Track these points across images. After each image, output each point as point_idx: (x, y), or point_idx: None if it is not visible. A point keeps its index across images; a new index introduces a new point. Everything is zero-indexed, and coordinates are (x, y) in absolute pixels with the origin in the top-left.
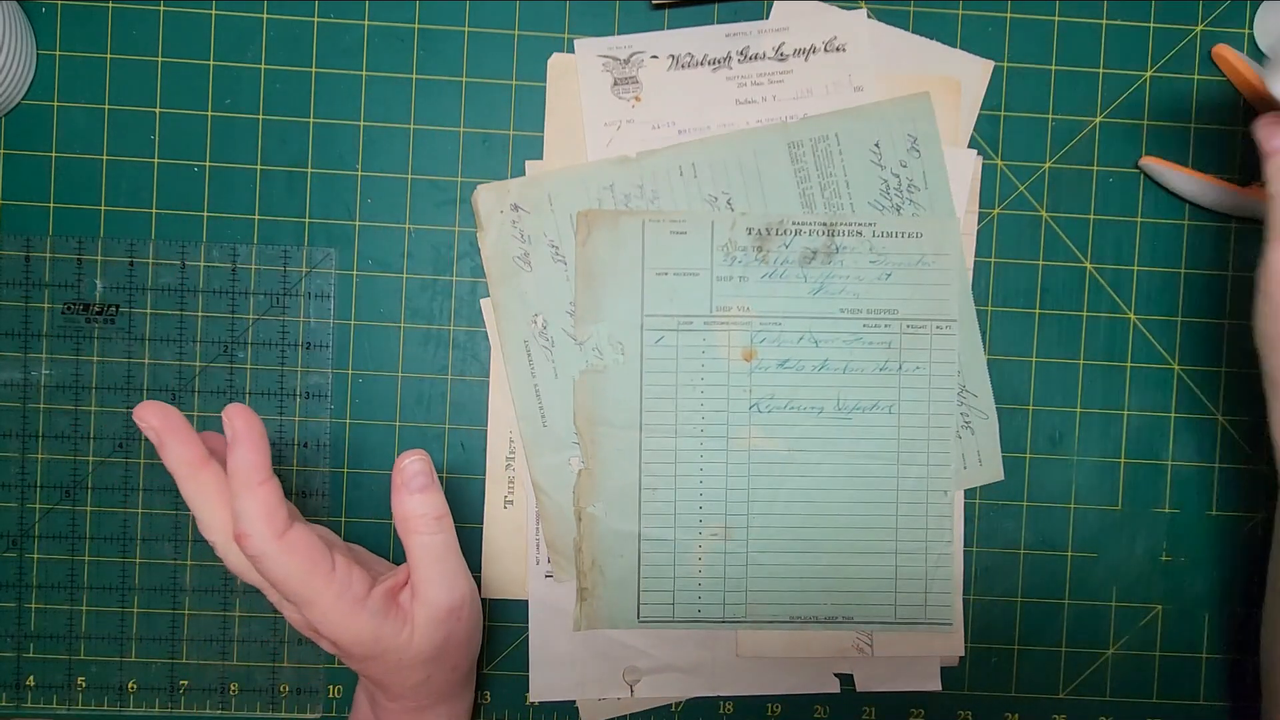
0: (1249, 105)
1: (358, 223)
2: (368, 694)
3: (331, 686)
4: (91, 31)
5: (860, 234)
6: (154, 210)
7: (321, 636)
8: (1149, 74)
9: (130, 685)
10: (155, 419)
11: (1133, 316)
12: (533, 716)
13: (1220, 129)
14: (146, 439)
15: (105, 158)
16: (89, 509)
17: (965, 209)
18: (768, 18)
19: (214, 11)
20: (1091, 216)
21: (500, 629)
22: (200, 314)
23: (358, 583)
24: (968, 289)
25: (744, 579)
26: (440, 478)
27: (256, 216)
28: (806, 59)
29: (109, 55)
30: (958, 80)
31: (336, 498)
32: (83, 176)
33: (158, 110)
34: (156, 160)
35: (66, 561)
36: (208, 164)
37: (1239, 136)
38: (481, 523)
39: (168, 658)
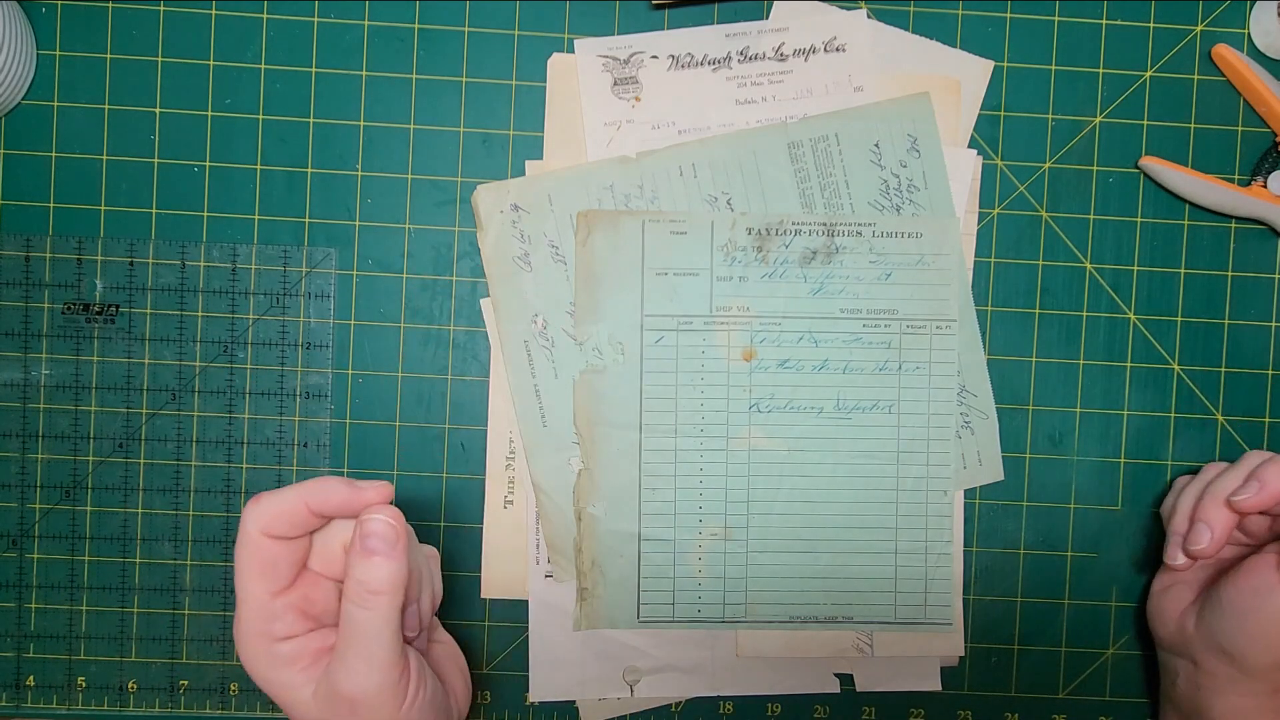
0: (1249, 105)
1: (358, 223)
2: None
3: None
4: (91, 31)
5: (860, 234)
6: (154, 210)
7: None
8: (1149, 74)
9: (130, 685)
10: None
11: (1133, 316)
12: (533, 716)
13: (1220, 129)
14: (146, 439)
15: (105, 158)
16: (89, 509)
17: (965, 209)
18: (768, 18)
19: (214, 11)
20: (1091, 216)
21: (500, 629)
22: (200, 314)
23: (283, 620)
24: (968, 289)
25: (744, 579)
26: (440, 478)
27: (256, 216)
28: (806, 59)
29: (109, 55)
30: (958, 80)
31: None
32: (83, 176)
33: (158, 110)
34: (156, 160)
35: (66, 561)
36: (208, 164)
37: (1239, 136)
38: (481, 523)
39: (168, 658)
